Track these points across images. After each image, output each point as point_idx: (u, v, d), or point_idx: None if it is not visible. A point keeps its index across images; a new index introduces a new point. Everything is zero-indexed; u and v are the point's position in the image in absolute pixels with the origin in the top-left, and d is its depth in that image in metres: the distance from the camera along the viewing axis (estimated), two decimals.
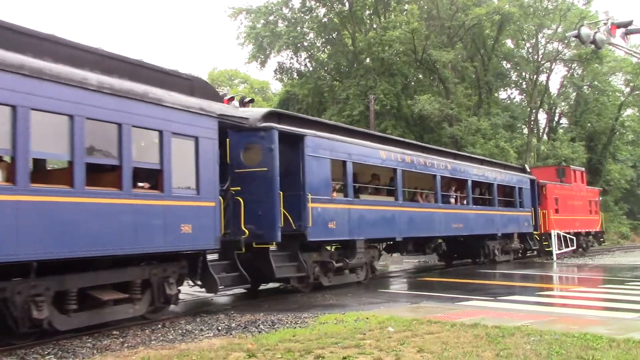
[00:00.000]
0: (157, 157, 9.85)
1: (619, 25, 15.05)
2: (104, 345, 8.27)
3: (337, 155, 14.52)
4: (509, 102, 47.91)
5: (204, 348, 7.57)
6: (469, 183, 21.04)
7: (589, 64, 42.65)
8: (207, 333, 9.11)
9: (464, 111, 36.93)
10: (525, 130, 45.92)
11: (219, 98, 12.02)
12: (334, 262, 14.28)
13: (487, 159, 25.94)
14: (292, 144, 13.21)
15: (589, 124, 49.07)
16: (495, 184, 23.09)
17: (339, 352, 7.04)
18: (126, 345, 8.28)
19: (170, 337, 8.88)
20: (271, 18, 42.15)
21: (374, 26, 41.67)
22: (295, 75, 44.80)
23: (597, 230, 33.68)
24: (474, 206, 21.41)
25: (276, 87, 59.23)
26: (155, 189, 9.87)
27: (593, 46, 15.82)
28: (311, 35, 43.69)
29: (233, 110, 12.39)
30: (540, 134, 48.00)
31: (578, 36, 14.52)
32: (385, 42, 36.75)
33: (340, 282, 14.99)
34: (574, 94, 49.50)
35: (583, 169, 34.73)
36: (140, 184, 9.75)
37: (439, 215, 18.86)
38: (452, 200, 20.52)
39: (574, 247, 29.83)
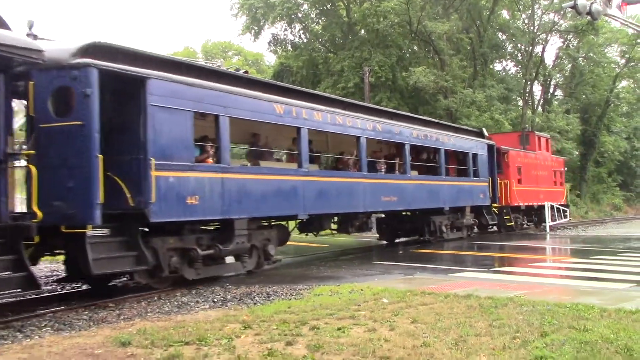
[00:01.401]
0: None
1: None
2: (101, 317, 8.33)
3: (204, 107, 11.09)
4: (504, 74, 47.75)
5: (199, 320, 7.62)
6: (406, 148, 17.63)
7: (584, 35, 42.36)
8: (203, 305, 9.18)
9: (459, 83, 36.77)
10: (520, 103, 45.81)
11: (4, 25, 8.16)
12: (198, 249, 10.82)
13: (434, 120, 22.74)
14: (129, 90, 9.87)
15: (583, 96, 49.04)
16: (442, 150, 19.69)
17: (333, 323, 7.11)
18: (122, 317, 8.34)
19: (166, 309, 8.94)
20: None
21: None
22: (289, 47, 44.37)
23: (562, 203, 31.13)
24: (413, 175, 18.15)
25: (270, 59, 58.77)
26: None
27: (589, 17, 15.74)
28: (305, 6, 43.12)
29: (25, 40, 8.40)
30: (535, 106, 47.90)
31: (574, 7, 14.37)
32: (380, 13, 36.32)
33: (214, 274, 11.71)
34: (569, 65, 49.31)
35: (548, 135, 32.32)
36: None
37: (362, 187, 15.46)
38: (383, 169, 17.58)
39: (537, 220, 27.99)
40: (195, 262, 10.89)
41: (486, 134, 24.23)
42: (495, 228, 25.45)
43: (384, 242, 21.00)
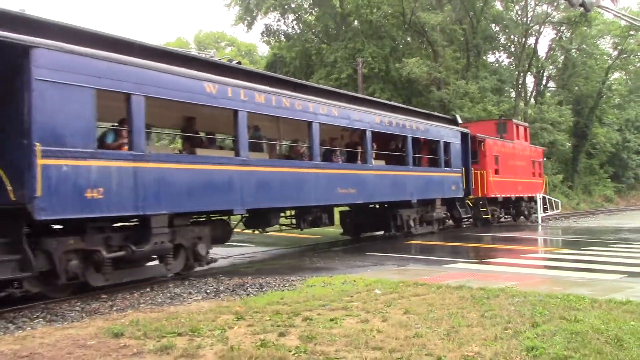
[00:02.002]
0: None
1: None
2: (93, 309, 8.31)
3: (112, 85, 9.24)
4: (497, 65, 47.77)
5: (192, 311, 7.62)
6: (368, 135, 15.93)
7: (577, 26, 42.46)
8: (196, 296, 9.18)
9: (452, 74, 36.77)
10: (513, 94, 45.90)
11: None
12: (103, 251, 9.14)
13: (401, 105, 21.25)
14: (11, 62, 8.18)
15: (576, 88, 49.16)
16: (410, 138, 17.98)
17: (326, 314, 7.13)
18: (115, 308, 8.33)
19: (159, 300, 8.93)
20: None
21: None
22: (282, 37, 44.25)
23: (541, 195, 29.37)
24: (375, 165, 16.50)
25: (263, 50, 58.66)
26: None
27: (582, 9, 15.71)
28: None
29: None
30: (528, 97, 48.01)
31: None
32: (374, 4, 36.28)
33: (128, 279, 10.02)
34: (562, 57, 49.41)
35: (527, 124, 30.92)
36: None
37: (314, 178, 13.77)
38: (341, 158, 16.02)
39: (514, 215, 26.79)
40: (102, 266, 9.21)
41: (460, 121, 22.78)
42: (472, 221, 24.18)
43: (348, 237, 19.43)
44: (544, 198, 28.03)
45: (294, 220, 15.42)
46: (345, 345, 5.65)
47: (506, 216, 26.83)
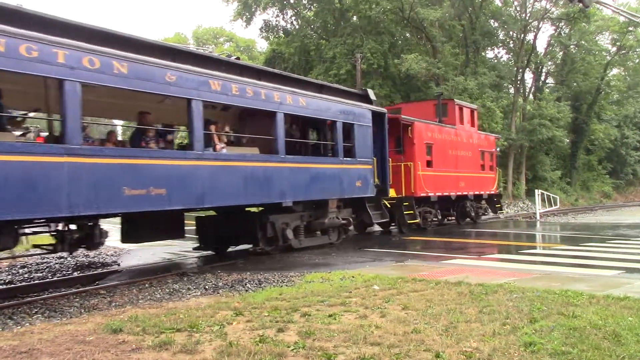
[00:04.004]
0: None
1: None
2: (92, 305, 8.32)
3: None
4: (495, 61, 47.75)
5: (191, 307, 7.63)
6: (195, 107, 10.63)
7: (576, 22, 42.42)
8: (195, 292, 9.19)
9: (450, 70, 36.74)
10: (512, 90, 45.91)
11: None
12: None
13: (270, 69, 15.05)
14: None
15: (574, 84, 49.21)
16: (281, 115, 12.84)
17: (325, 309, 7.14)
18: (114, 304, 8.34)
19: (158, 296, 8.95)
20: None
21: None
22: (281, 33, 44.20)
23: (492, 192, 25.02)
24: (208, 153, 11.26)
25: (262, 46, 58.60)
26: None
27: (581, 4, 15.71)
28: None
29: None
30: (527, 93, 48.01)
31: None
32: None
33: None
34: (561, 53, 49.42)
35: (475, 106, 25.26)
36: None
37: (64, 176, 8.58)
38: (151, 141, 10.90)
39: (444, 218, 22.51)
40: None
41: (374, 97, 17.10)
42: (394, 228, 19.71)
43: (210, 252, 14.57)
44: (494, 195, 25.00)
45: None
46: (344, 341, 5.65)
47: (449, 218, 22.98)
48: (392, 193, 17.95)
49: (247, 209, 13.68)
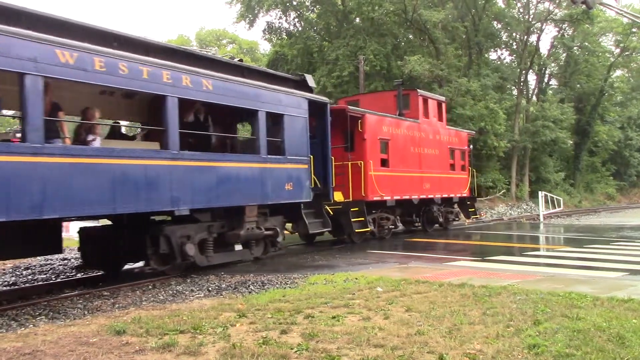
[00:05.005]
0: None
1: None
2: (95, 306, 8.33)
3: None
4: (499, 63, 47.71)
5: (194, 308, 7.63)
6: (27, 83, 7.86)
7: (579, 24, 42.35)
8: (198, 294, 9.19)
9: (454, 72, 36.69)
10: (515, 92, 45.84)
11: None
12: None
13: (161, 43, 11.82)
14: None
15: (578, 85, 49.10)
16: (174, 100, 10.23)
17: (328, 311, 7.13)
18: (117, 306, 8.35)
19: (161, 297, 8.95)
20: None
21: None
22: (284, 35, 44.19)
23: (464, 195, 22.22)
24: (53, 146, 8.41)
25: (265, 48, 58.69)
26: None
27: (584, 6, 15.71)
28: None
29: None
30: (530, 95, 47.94)
31: None
32: (375, 1, 36.22)
33: None
34: (564, 54, 49.34)
35: (443, 98, 22.38)
36: None
37: None
38: None
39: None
40: None
41: (313, 85, 14.63)
42: (347, 237, 16.52)
43: (99, 272, 11.90)
44: (467, 198, 22.55)
45: None
46: (347, 343, 5.65)
47: (416, 224, 20.32)
48: (339, 197, 15.69)
49: (152, 217, 11.19)
